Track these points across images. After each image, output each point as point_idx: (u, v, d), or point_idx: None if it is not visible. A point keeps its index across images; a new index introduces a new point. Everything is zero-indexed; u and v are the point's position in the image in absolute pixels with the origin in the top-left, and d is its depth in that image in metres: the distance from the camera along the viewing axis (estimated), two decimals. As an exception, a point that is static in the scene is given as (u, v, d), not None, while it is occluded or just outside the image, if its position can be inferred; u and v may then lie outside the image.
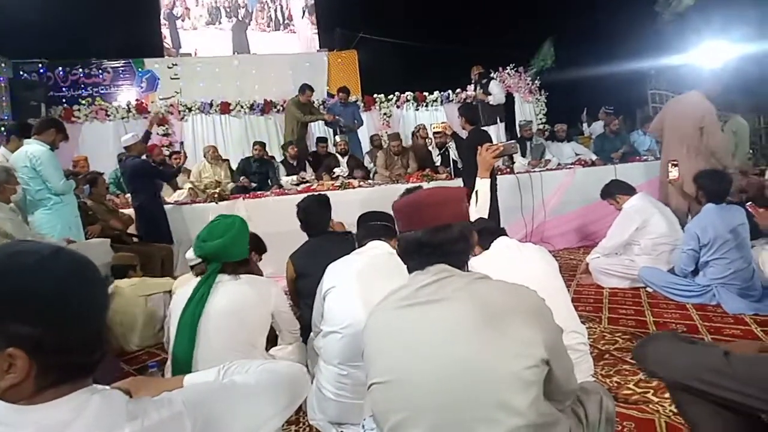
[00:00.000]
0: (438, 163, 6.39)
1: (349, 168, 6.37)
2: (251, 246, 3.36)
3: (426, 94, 9.34)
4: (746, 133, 6.25)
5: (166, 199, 5.30)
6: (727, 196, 3.44)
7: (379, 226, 2.22)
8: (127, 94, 9.00)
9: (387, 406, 1.15)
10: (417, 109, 9.35)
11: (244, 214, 4.91)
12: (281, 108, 8.36)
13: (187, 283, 2.05)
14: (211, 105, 8.51)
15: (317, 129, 8.25)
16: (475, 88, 6.86)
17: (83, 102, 8.14)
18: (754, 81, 8.04)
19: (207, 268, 1.97)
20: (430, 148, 6.84)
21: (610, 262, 3.94)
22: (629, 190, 3.98)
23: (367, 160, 6.96)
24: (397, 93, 9.21)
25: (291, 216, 2.84)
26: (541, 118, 9.37)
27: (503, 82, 8.77)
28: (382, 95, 9.15)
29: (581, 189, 5.60)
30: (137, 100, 8.52)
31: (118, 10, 9.46)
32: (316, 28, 11.17)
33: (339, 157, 6.68)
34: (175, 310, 1.92)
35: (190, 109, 8.44)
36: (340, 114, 7.20)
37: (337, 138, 6.94)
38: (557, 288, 2.14)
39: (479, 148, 2.55)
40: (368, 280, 1.93)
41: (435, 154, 6.63)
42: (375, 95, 9.14)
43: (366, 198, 5.00)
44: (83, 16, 9.05)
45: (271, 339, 2.26)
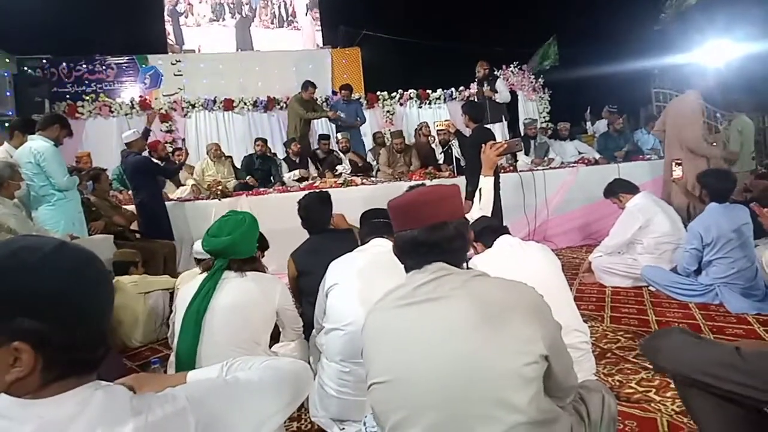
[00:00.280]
0: (441, 161, 6.39)
1: (351, 165, 6.37)
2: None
3: (429, 91, 9.32)
4: (751, 133, 6.22)
5: (169, 196, 5.30)
6: (731, 195, 3.44)
7: (382, 223, 2.22)
8: (130, 90, 9.00)
9: (387, 405, 1.15)
10: (420, 107, 9.34)
11: (247, 211, 4.93)
12: (284, 105, 8.37)
13: (192, 279, 2.05)
14: (215, 102, 8.52)
15: (320, 126, 8.25)
16: (479, 85, 6.84)
17: (87, 98, 8.15)
18: (759, 80, 8.01)
19: (214, 264, 1.97)
20: (433, 145, 6.83)
21: (612, 261, 3.93)
22: (632, 189, 3.97)
23: (369, 158, 6.96)
24: (400, 90, 9.20)
25: (293, 213, 2.84)
26: (544, 117, 9.35)
27: (506, 80, 8.75)
28: (385, 93, 9.14)
29: (584, 187, 5.59)
30: (141, 97, 8.53)
31: (121, 6, 9.46)
32: (319, 26, 11.16)
33: (341, 154, 6.67)
34: (181, 306, 1.92)
35: (193, 106, 8.45)
36: (342, 111, 7.20)
37: (339, 135, 6.94)
38: (560, 286, 2.14)
39: (483, 146, 2.55)
40: (371, 278, 1.93)
41: (438, 152, 6.62)
42: (378, 93, 9.13)
43: (369, 195, 5.00)
44: (87, 13, 9.06)
45: (273, 336, 2.26)
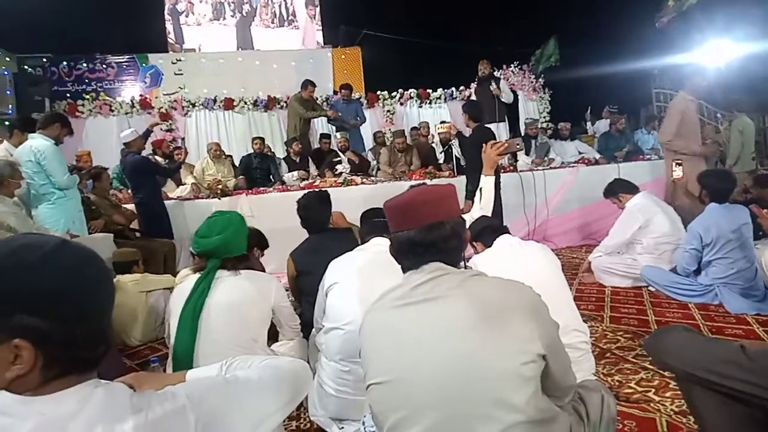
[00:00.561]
0: (441, 161, 6.39)
1: (349, 164, 6.36)
2: (253, 242, 3.39)
3: (429, 91, 9.32)
4: (752, 133, 6.22)
5: (169, 195, 5.30)
6: (731, 196, 3.44)
7: (382, 222, 2.21)
8: (131, 89, 9.00)
9: (386, 405, 1.15)
10: (420, 107, 9.34)
11: (247, 210, 4.93)
12: (285, 104, 8.36)
13: (186, 279, 2.06)
14: (215, 101, 8.51)
15: (320, 125, 8.26)
16: (481, 83, 6.85)
17: (87, 97, 8.15)
18: (760, 80, 8.00)
19: (206, 264, 1.97)
20: (433, 145, 6.83)
21: (612, 261, 3.93)
22: (632, 189, 3.97)
23: (369, 157, 6.95)
24: (400, 90, 9.20)
25: (293, 212, 2.84)
26: (544, 117, 9.35)
27: (507, 80, 8.75)
28: (386, 92, 9.13)
29: (584, 187, 5.59)
30: (141, 96, 8.53)
31: (122, 5, 9.44)
32: (320, 25, 11.16)
33: (341, 154, 6.67)
34: (175, 306, 1.93)
35: (193, 105, 8.45)
36: (342, 111, 7.19)
37: (338, 135, 6.94)
38: (559, 286, 2.14)
39: (484, 145, 2.55)
40: (370, 277, 1.93)
41: (438, 152, 6.62)
42: (378, 92, 9.13)
43: (369, 195, 5.00)
44: (87, 12, 9.04)
45: (272, 335, 2.27)
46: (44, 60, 8.51)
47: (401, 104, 9.23)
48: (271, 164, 6.39)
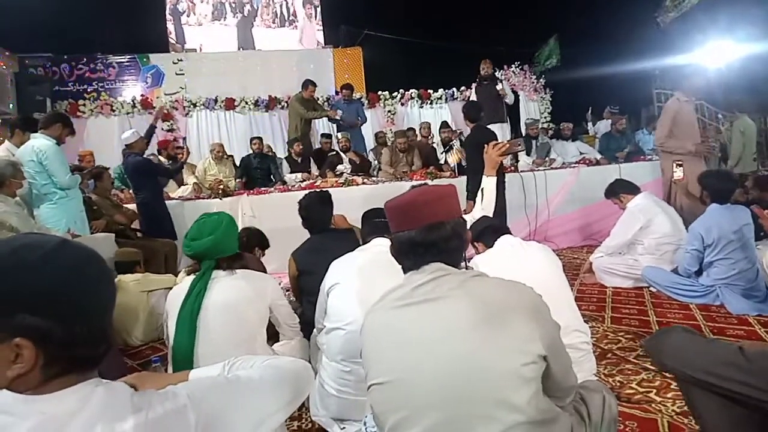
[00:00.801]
0: (442, 161, 6.39)
1: (350, 164, 6.36)
2: (254, 242, 3.40)
3: (430, 91, 9.33)
4: (753, 134, 6.23)
5: (170, 195, 5.30)
6: (732, 196, 3.43)
7: (383, 223, 2.20)
8: (132, 89, 9.02)
9: (387, 406, 1.15)
10: (421, 107, 9.35)
11: (248, 211, 4.93)
12: (285, 104, 8.37)
13: (182, 280, 2.06)
14: (216, 101, 8.53)
15: (321, 125, 8.25)
16: (480, 83, 6.85)
17: (88, 97, 8.18)
18: (761, 81, 7.99)
19: (201, 266, 1.98)
20: (434, 145, 6.83)
21: (613, 262, 3.93)
22: (633, 190, 3.97)
23: (371, 158, 6.95)
24: (401, 90, 9.20)
25: (294, 212, 2.84)
26: (545, 117, 9.35)
27: (508, 80, 8.75)
28: (387, 92, 9.14)
29: (585, 188, 5.59)
30: (142, 96, 8.55)
31: (123, 5, 9.45)
32: (321, 25, 11.17)
33: (342, 154, 6.67)
34: (172, 307, 1.93)
35: (194, 105, 8.47)
36: (343, 111, 7.19)
37: (339, 135, 6.94)
38: (560, 287, 2.14)
39: (486, 146, 2.55)
40: (372, 277, 1.93)
41: (439, 152, 6.63)
42: (379, 92, 9.13)
43: (370, 195, 5.00)
44: (89, 12, 9.05)
45: (273, 335, 2.27)
46: (46, 60, 8.52)
47: (402, 104, 9.24)
48: (272, 164, 6.39)
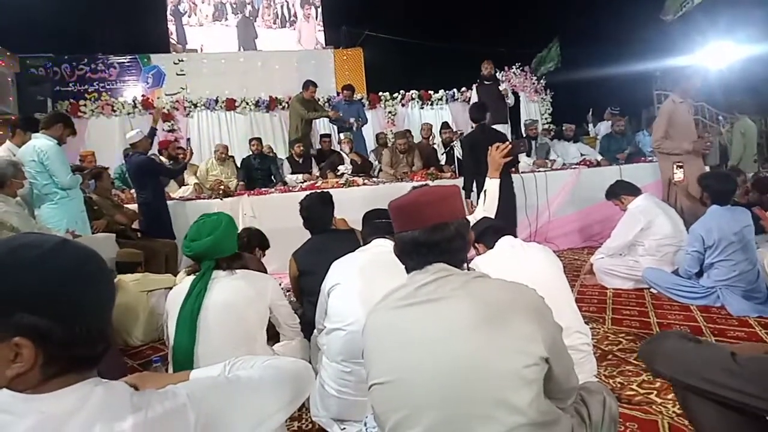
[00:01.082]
0: (443, 162, 6.39)
1: (352, 164, 6.36)
2: (255, 242, 3.40)
3: (431, 92, 9.32)
4: (754, 135, 6.23)
5: (171, 195, 5.31)
6: (732, 198, 3.43)
7: (384, 223, 2.21)
8: (133, 89, 9.03)
9: (388, 405, 1.15)
10: (422, 108, 9.34)
11: (249, 211, 4.94)
12: (286, 105, 8.36)
13: (182, 280, 2.06)
14: (217, 101, 8.53)
15: (322, 126, 8.25)
16: (481, 84, 6.85)
17: (89, 97, 8.18)
18: (761, 82, 8.00)
19: (201, 267, 1.98)
20: (435, 146, 6.83)
21: (614, 263, 3.93)
22: (634, 191, 3.97)
23: (372, 158, 6.95)
24: (402, 91, 9.20)
25: (295, 213, 2.84)
26: (546, 118, 9.34)
27: (509, 81, 8.74)
28: (387, 93, 9.14)
29: (586, 189, 5.58)
30: (143, 96, 8.55)
31: (124, 5, 9.48)
32: (321, 26, 11.18)
33: (343, 154, 6.67)
34: (172, 308, 1.93)
35: (195, 106, 8.46)
36: (344, 112, 7.19)
37: (341, 135, 6.93)
38: (561, 288, 2.14)
39: (490, 147, 2.55)
40: (372, 278, 1.93)
41: (440, 153, 6.63)
42: (380, 93, 9.13)
43: (370, 196, 5.00)
44: (90, 12, 9.09)
45: (273, 335, 2.27)
46: (47, 60, 8.53)
47: (403, 105, 9.23)
48: (272, 165, 6.39)
